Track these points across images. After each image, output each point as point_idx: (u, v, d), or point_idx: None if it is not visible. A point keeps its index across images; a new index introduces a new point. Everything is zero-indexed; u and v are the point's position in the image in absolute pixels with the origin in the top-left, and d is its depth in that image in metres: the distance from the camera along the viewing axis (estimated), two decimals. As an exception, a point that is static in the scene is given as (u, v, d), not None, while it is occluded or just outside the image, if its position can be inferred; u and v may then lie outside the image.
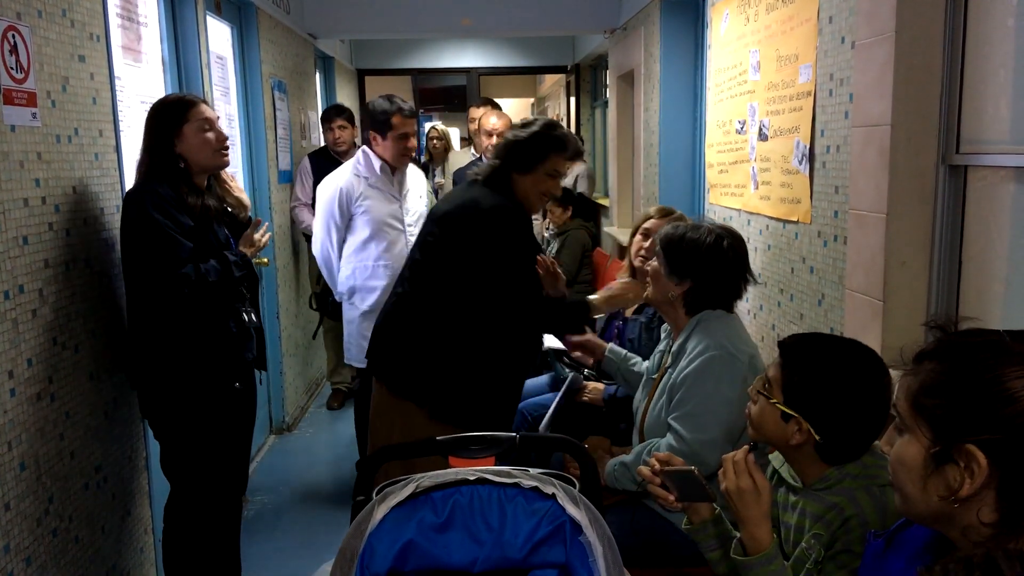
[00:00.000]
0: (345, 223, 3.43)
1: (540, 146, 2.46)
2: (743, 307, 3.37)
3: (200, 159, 2.41)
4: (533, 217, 3.01)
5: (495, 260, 2.38)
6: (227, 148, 2.47)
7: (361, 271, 3.42)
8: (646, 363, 2.48)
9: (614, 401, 2.76)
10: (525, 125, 2.54)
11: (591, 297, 2.60)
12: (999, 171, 1.99)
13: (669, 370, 2.20)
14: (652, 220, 2.96)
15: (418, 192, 3.60)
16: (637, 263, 2.93)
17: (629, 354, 2.61)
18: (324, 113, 5.04)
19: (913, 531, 1.19)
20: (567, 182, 5.38)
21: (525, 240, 2.49)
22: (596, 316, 2.71)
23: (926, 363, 1.06)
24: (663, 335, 2.44)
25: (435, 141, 7.10)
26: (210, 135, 2.41)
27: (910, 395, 1.06)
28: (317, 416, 5.05)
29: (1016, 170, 1.93)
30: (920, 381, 1.05)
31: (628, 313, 2.96)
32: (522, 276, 2.46)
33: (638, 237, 2.99)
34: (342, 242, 3.47)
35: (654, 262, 2.28)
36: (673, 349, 2.23)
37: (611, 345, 2.65)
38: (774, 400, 1.55)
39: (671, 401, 2.14)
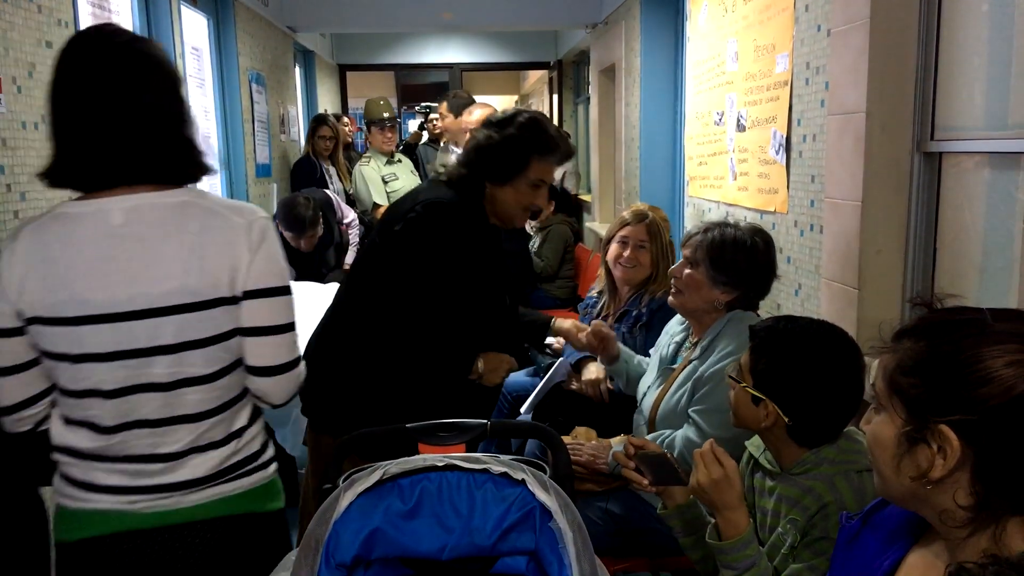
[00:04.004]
0: None
1: (519, 151, 2.02)
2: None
3: None
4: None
5: (424, 267, 1.97)
6: None
7: None
8: (644, 358, 2.41)
9: (621, 397, 2.57)
10: (501, 123, 2.05)
11: (558, 322, 2.39)
12: (973, 157, 1.99)
13: (695, 362, 2.11)
14: (629, 227, 2.72)
15: None
16: (617, 273, 2.73)
17: (635, 354, 2.48)
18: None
19: (889, 511, 1.18)
20: (555, 176, 5.21)
21: (465, 242, 2.01)
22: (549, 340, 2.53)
23: (905, 341, 1.03)
24: (678, 326, 2.30)
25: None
26: None
27: (887, 373, 1.04)
28: (297, 412, 5.00)
29: (990, 156, 1.93)
30: (897, 359, 1.03)
31: (610, 322, 2.76)
32: (467, 286, 2.04)
33: (615, 246, 2.72)
34: None
35: (688, 270, 2.13)
36: (702, 343, 2.14)
37: (623, 347, 2.47)
38: (743, 384, 1.56)
39: (694, 394, 2.08)
